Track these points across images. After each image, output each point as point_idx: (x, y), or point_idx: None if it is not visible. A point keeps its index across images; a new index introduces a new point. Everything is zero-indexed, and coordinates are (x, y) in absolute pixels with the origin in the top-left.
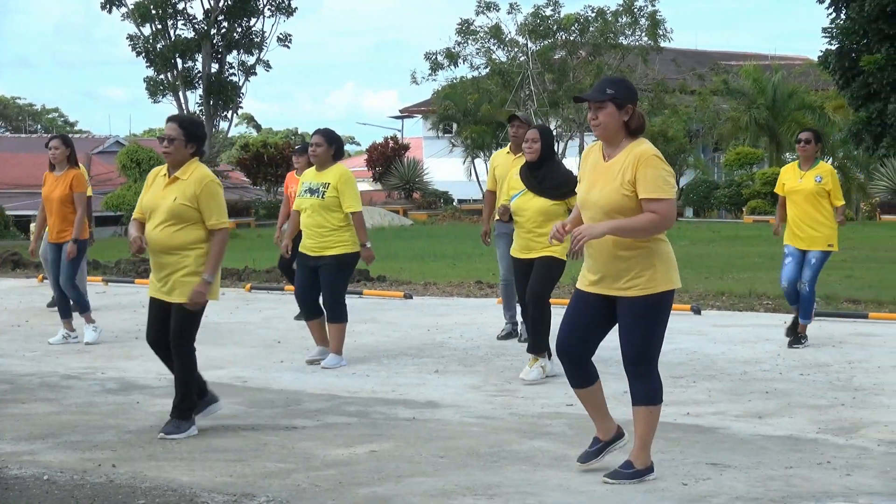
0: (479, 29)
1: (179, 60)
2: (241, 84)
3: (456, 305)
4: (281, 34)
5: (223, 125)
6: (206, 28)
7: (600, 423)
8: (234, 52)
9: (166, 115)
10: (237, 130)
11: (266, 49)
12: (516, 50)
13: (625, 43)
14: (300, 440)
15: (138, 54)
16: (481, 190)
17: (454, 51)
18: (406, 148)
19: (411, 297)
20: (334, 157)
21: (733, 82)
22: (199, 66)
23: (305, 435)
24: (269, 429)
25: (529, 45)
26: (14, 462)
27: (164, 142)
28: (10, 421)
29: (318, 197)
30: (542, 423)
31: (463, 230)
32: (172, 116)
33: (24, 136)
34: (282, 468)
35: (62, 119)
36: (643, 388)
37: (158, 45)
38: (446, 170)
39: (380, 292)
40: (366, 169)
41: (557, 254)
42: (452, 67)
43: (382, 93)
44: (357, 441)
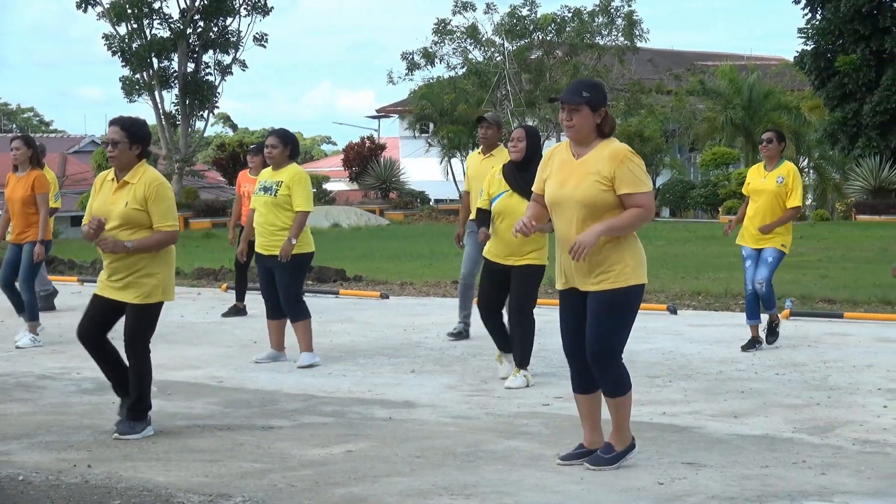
0: (455, 29)
1: (155, 60)
2: (217, 83)
3: (432, 305)
4: (257, 34)
5: (199, 125)
6: (181, 27)
7: (589, 434)
8: (210, 52)
9: (143, 114)
10: (213, 130)
11: (242, 48)
12: (493, 50)
13: (601, 43)
14: (276, 440)
15: (114, 54)
16: (458, 190)
17: (431, 50)
18: (382, 148)
19: (388, 297)
20: (290, 156)
21: (709, 82)
22: (175, 65)
23: (281, 435)
24: (245, 429)
25: (506, 44)
26: None
27: (108, 146)
28: None
29: (270, 195)
30: (518, 423)
31: (439, 230)
32: (114, 119)
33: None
34: (258, 468)
35: (37, 118)
36: (611, 380)
37: (134, 45)
38: (423, 170)
39: (356, 292)
40: (342, 168)
41: (538, 261)
42: (429, 67)
43: (359, 92)
44: (333, 441)
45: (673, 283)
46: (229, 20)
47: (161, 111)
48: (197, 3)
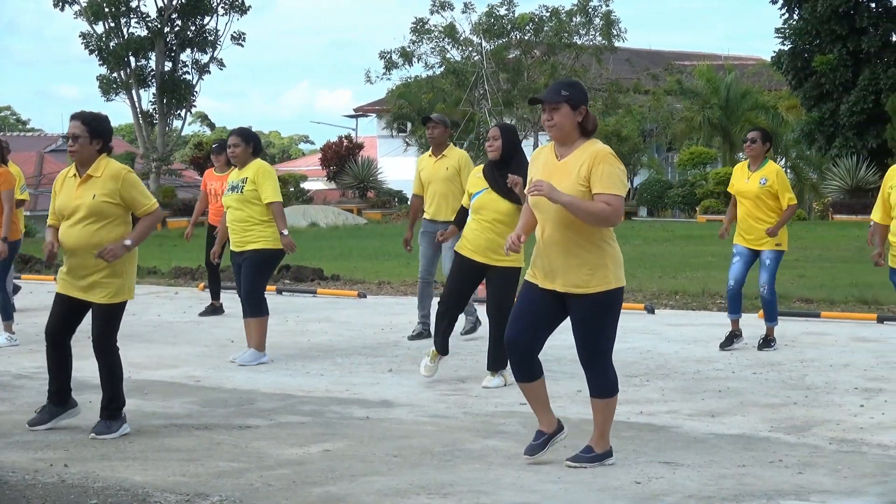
0: (433, 28)
1: (133, 59)
2: (194, 82)
3: (410, 304)
4: (235, 32)
5: (177, 124)
6: (159, 26)
7: (543, 417)
8: (188, 51)
9: (120, 113)
10: (191, 129)
11: (220, 47)
12: (471, 49)
13: (579, 43)
14: (253, 439)
15: (91, 52)
16: None
17: (409, 50)
18: (360, 147)
19: (365, 297)
20: (253, 153)
21: (687, 82)
22: (153, 64)
23: (259, 434)
24: (222, 428)
25: (484, 44)
26: None
27: (69, 140)
28: None
29: (238, 192)
30: (495, 422)
31: (417, 229)
32: (75, 114)
33: None
34: (235, 467)
35: (14, 117)
36: (600, 381)
37: (111, 44)
38: (400, 169)
39: (333, 291)
40: (320, 168)
41: (516, 263)
42: (407, 66)
43: (336, 91)
44: (311, 440)
45: (650, 282)
46: (207, 19)
47: (138, 110)
48: (174, 2)
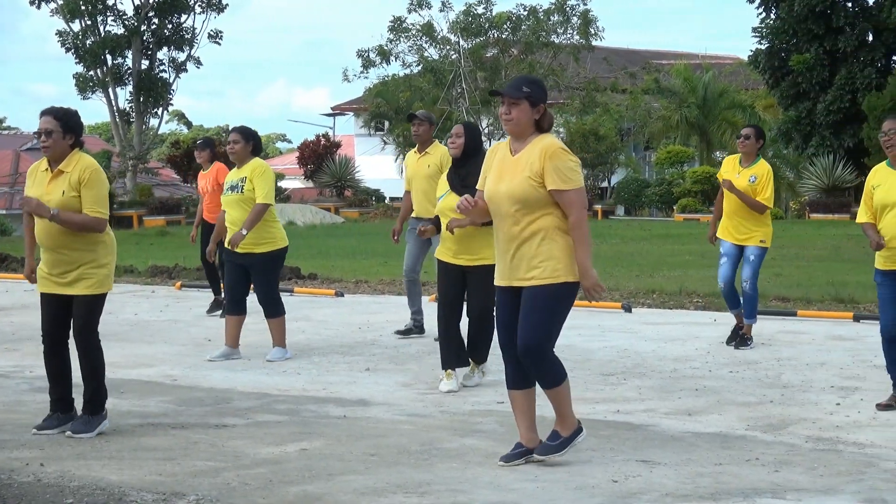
0: (411, 27)
1: (109, 57)
2: (171, 81)
3: (387, 303)
4: (212, 31)
5: (153, 122)
6: (136, 24)
7: (525, 431)
8: (165, 49)
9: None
10: (168, 127)
11: (197, 46)
12: (448, 48)
13: (557, 41)
14: (230, 438)
15: (67, 50)
16: None
17: (386, 48)
18: (338, 145)
19: (342, 295)
20: (252, 152)
21: (664, 81)
22: (130, 62)
23: (235, 433)
24: (198, 427)
25: (461, 42)
26: None
27: (42, 136)
28: None
29: (238, 192)
30: (472, 421)
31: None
32: (46, 110)
33: None
34: (211, 467)
35: None
36: (544, 373)
37: (88, 42)
38: (378, 168)
39: (311, 290)
40: (297, 166)
41: (492, 260)
42: (384, 65)
43: (313, 90)
44: (287, 439)
45: (627, 281)
46: (184, 17)
47: (115, 108)
48: (151, 0)
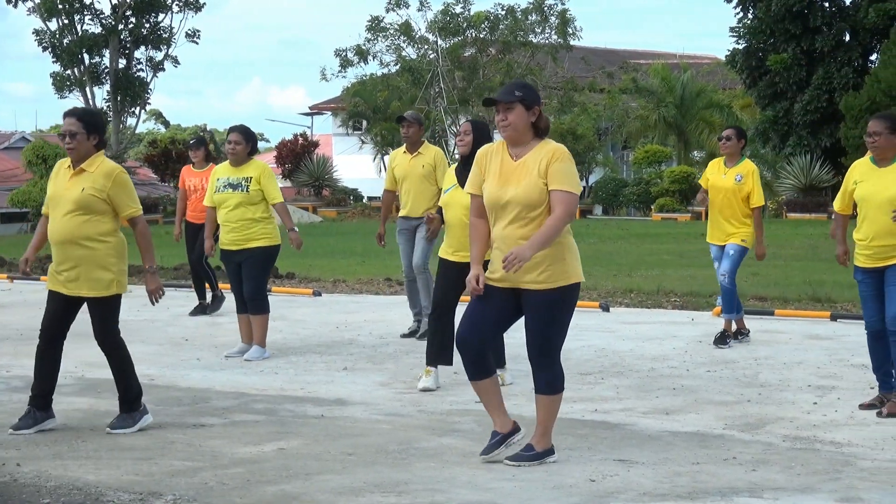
0: (389, 26)
1: (86, 56)
2: (148, 80)
3: (365, 303)
4: (189, 30)
5: (131, 121)
6: (113, 23)
7: (497, 417)
8: (142, 48)
9: None
10: (145, 126)
11: (174, 45)
12: (426, 47)
13: (535, 41)
14: (208, 438)
15: (44, 49)
16: None
17: (364, 48)
18: (315, 145)
19: (320, 295)
20: (250, 153)
21: (642, 81)
22: (107, 61)
23: (213, 433)
24: (176, 427)
25: (439, 42)
26: None
27: (66, 138)
28: None
29: (242, 191)
30: (450, 420)
31: (372, 227)
32: (70, 111)
33: None
34: (189, 466)
35: None
36: (546, 377)
37: (65, 41)
38: (356, 167)
39: (288, 289)
40: (275, 166)
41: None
42: (362, 64)
43: (291, 89)
44: (265, 439)
45: (605, 280)
46: (161, 16)
47: (92, 107)
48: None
